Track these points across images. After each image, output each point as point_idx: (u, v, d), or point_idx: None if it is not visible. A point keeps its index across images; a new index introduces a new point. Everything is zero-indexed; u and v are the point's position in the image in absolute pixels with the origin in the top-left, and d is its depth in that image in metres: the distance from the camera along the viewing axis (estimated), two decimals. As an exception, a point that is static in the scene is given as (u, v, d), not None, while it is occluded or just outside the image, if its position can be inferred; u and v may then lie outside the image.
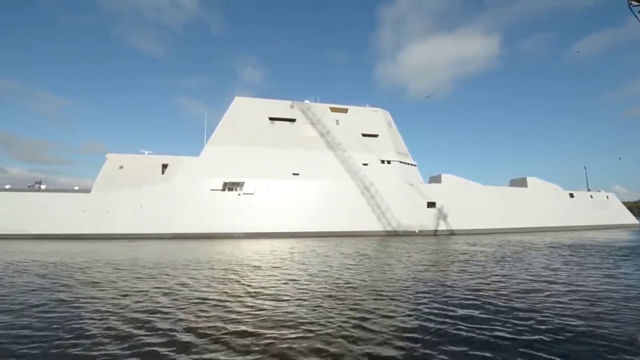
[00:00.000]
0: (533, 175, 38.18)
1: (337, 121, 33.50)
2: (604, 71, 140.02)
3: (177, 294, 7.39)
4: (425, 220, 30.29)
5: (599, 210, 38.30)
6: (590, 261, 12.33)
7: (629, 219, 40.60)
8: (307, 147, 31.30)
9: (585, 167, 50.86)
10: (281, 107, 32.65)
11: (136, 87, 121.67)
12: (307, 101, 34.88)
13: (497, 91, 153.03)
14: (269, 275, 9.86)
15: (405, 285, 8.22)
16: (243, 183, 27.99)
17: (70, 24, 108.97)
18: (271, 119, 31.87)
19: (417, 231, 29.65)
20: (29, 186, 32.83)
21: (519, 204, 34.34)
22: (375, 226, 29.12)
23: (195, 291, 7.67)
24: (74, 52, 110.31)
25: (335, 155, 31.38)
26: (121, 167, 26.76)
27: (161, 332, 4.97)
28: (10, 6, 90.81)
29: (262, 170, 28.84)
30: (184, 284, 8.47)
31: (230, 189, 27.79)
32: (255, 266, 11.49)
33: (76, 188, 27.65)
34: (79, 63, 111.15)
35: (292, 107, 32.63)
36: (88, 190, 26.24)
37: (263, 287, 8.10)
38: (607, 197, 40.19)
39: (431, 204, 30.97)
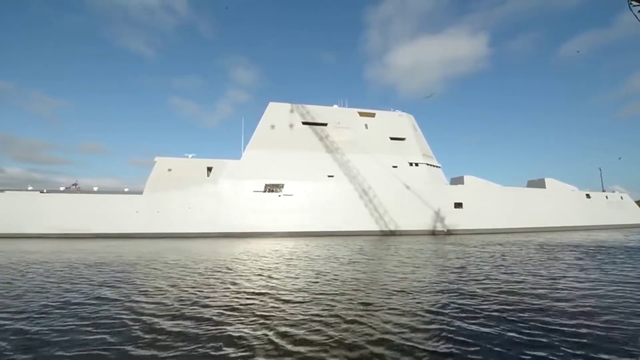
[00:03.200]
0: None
1: (365, 125, 35.08)
2: (596, 71, 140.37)
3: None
4: (453, 220, 31.88)
5: (614, 210, 39.88)
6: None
7: (643, 218, 42.19)
8: (339, 151, 32.86)
9: (600, 169, 53.00)
10: (313, 111, 34.18)
11: (129, 88, 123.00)
12: (335, 106, 36.47)
13: (491, 91, 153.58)
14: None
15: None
16: (283, 185, 29.62)
17: (61, 25, 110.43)
18: (304, 123, 33.42)
19: (446, 230, 31.25)
20: (67, 188, 34.56)
21: (539, 204, 35.90)
22: (407, 225, 30.71)
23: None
24: (67, 53, 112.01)
25: (366, 158, 32.92)
26: (169, 170, 28.37)
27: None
28: (3, 8, 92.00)
29: (299, 172, 30.42)
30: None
31: (271, 191, 29.41)
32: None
33: (126, 190, 29.29)
34: (72, 64, 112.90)
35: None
36: (140, 192, 27.89)
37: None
38: (622, 197, 41.79)
39: (458, 205, 32.57)
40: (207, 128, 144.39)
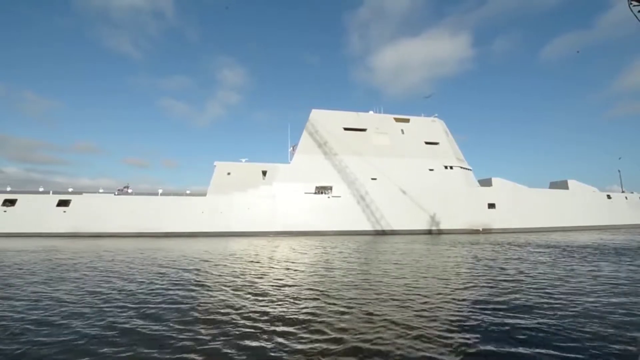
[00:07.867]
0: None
1: (402, 130, 37.30)
2: (586, 71, 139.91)
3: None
4: (487, 220, 34.10)
5: (634, 210, 42.07)
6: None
7: (661, 217, 44.32)
8: (378, 155, 35.05)
9: (619, 171, 55.27)
10: (352, 117, 36.45)
11: (119, 88, 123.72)
12: (371, 112, 38.71)
13: (481, 91, 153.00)
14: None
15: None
16: (331, 187, 31.89)
17: (49, 27, 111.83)
18: (345, 129, 35.64)
19: (481, 229, 33.46)
20: (118, 190, 36.83)
21: (565, 205, 38.09)
22: (444, 225, 32.95)
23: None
24: (57, 54, 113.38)
25: (405, 161, 35.13)
26: (229, 174, 30.66)
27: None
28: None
29: (345, 175, 32.67)
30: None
31: (321, 192, 31.69)
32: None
33: (188, 192, 31.53)
34: (62, 65, 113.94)
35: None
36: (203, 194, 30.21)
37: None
38: (640, 198, 43.99)
39: (491, 205, 34.79)
40: (200, 128, 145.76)
